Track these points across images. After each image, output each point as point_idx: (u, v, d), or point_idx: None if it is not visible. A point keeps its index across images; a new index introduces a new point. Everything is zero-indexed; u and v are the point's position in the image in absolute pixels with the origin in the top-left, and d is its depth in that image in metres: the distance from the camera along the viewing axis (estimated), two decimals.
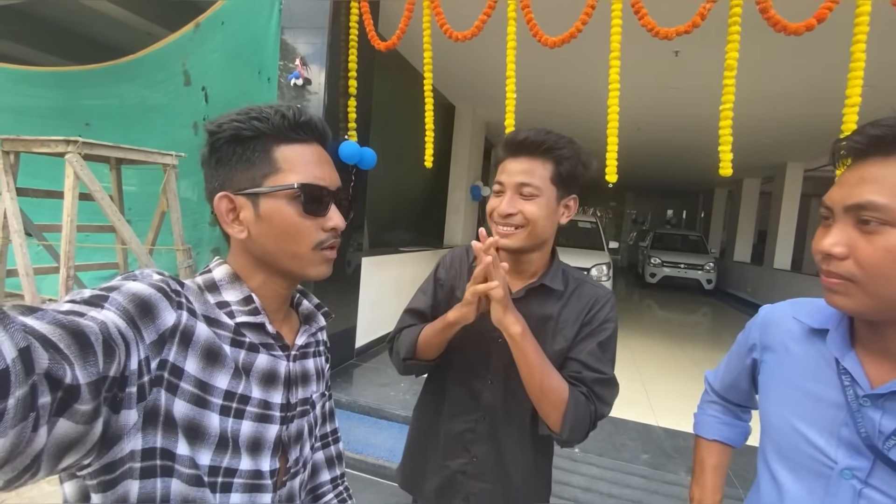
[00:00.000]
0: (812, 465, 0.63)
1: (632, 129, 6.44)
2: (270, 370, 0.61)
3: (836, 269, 0.56)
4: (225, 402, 0.54)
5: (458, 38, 2.85)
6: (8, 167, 2.65)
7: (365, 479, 2.39)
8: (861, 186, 0.54)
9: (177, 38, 3.63)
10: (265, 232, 0.58)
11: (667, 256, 10.13)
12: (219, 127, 0.57)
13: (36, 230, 2.87)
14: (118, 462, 0.46)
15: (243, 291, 0.60)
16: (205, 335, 0.54)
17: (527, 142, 0.88)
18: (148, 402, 0.47)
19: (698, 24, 2.35)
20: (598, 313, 0.94)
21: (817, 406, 0.64)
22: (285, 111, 0.58)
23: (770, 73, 4.13)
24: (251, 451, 0.57)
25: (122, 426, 0.44)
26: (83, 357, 0.37)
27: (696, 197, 15.53)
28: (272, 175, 0.58)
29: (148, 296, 0.48)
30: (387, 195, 4.65)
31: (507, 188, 0.89)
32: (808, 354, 0.67)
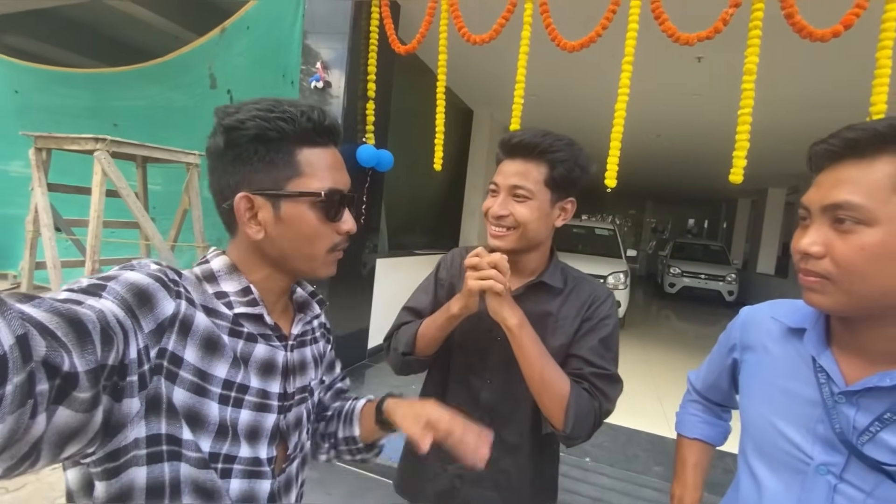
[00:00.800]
0: (789, 462, 0.65)
1: (651, 136, 6.35)
2: (269, 360, 0.61)
3: (814, 268, 0.58)
4: (224, 390, 0.55)
5: (476, 42, 2.86)
6: (40, 163, 2.77)
7: (372, 479, 2.40)
8: (837, 187, 0.56)
9: (203, 43, 3.75)
10: (283, 234, 0.59)
11: (687, 266, 9.91)
12: (241, 123, 0.56)
13: (65, 225, 2.99)
14: (122, 450, 0.47)
15: (241, 283, 0.60)
16: (204, 324, 0.54)
17: (521, 144, 0.88)
18: (149, 390, 0.48)
19: (720, 30, 2.31)
20: (597, 309, 0.93)
21: (794, 403, 0.66)
22: (311, 114, 0.58)
23: (796, 79, 4.03)
24: (249, 438, 0.58)
25: (124, 414, 0.45)
26: (81, 345, 0.37)
27: (718, 206, 15.20)
28: (295, 179, 0.58)
29: (146, 285, 0.49)
30: (403, 198, 4.68)
31: (501, 189, 0.89)
32: (786, 353, 0.69)
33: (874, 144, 0.54)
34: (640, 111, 4.68)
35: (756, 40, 2.24)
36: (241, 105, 0.57)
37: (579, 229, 7.26)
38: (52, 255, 2.64)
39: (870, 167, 0.54)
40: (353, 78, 3.16)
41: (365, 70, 3.26)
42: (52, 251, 2.65)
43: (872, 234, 0.53)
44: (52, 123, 4.12)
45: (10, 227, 4.86)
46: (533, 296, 0.94)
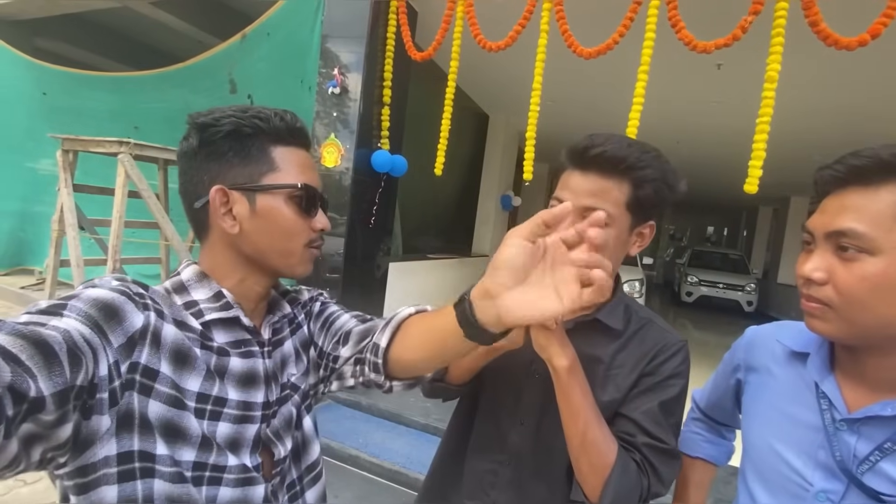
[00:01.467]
0: (789, 487, 0.64)
1: (671, 143, 6.26)
2: (248, 371, 0.60)
3: (816, 294, 0.57)
4: (198, 404, 0.54)
5: (493, 49, 2.87)
6: (67, 165, 2.86)
7: (381, 484, 2.40)
8: (842, 214, 0.56)
9: (224, 48, 3.82)
10: (260, 228, 0.58)
11: (705, 275, 9.73)
12: (216, 121, 0.57)
13: (88, 224, 3.08)
14: (91, 467, 0.46)
15: (212, 288, 0.59)
16: (172, 337, 0.53)
17: (603, 156, 0.69)
18: (120, 406, 0.47)
19: (739, 38, 2.27)
20: (664, 364, 0.75)
21: (796, 428, 0.65)
22: (283, 115, 0.60)
23: (821, 86, 3.93)
24: (232, 449, 0.57)
25: (93, 431, 0.44)
26: (48, 368, 0.37)
27: (738, 214, 14.89)
28: (270, 173, 0.58)
29: (111, 299, 0.48)
30: (417, 202, 4.71)
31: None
32: (789, 377, 0.68)
33: (879, 173, 0.54)
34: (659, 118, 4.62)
35: (779, 48, 2.19)
36: (214, 108, 0.59)
37: None
38: (76, 254, 2.73)
39: (875, 195, 0.54)
40: (369, 84, 3.19)
41: (381, 76, 3.29)
42: (76, 250, 2.74)
43: (875, 263, 0.53)
44: (78, 125, 4.24)
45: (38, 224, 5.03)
46: (584, 335, 0.76)
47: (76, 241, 2.74)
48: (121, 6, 4.81)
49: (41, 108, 4.92)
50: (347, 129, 3.14)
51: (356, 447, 2.56)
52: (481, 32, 2.89)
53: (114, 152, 2.68)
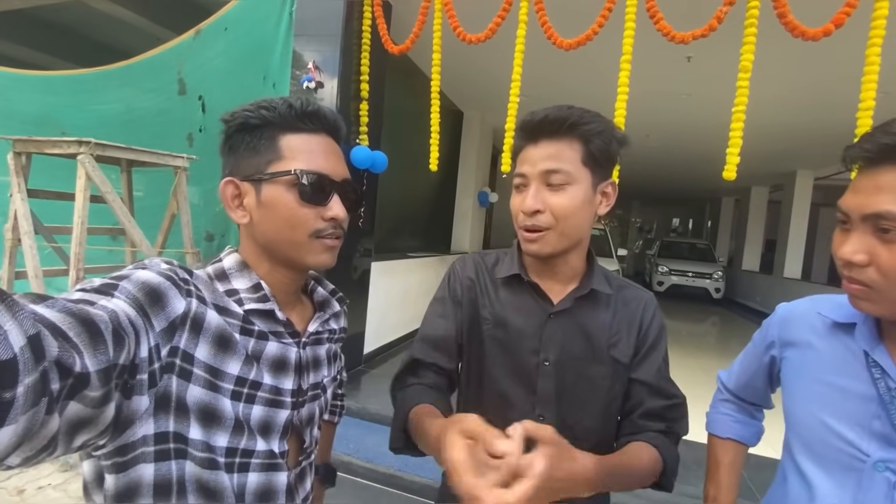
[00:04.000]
0: (842, 459, 0.63)
1: (640, 136, 6.41)
2: (280, 357, 0.61)
3: (859, 276, 0.57)
4: (236, 387, 0.55)
5: (472, 41, 2.84)
6: (19, 168, 2.65)
7: (376, 489, 2.33)
8: (877, 195, 0.55)
9: (174, 45, 3.50)
10: (265, 218, 0.59)
11: (674, 265, 10.06)
12: (231, 116, 0.60)
13: (46, 232, 2.86)
14: (130, 446, 0.48)
15: (252, 279, 0.61)
16: (215, 322, 0.54)
17: (547, 121, 0.73)
18: (159, 388, 0.48)
19: (715, 28, 2.32)
20: (652, 323, 0.83)
21: (846, 400, 0.64)
22: (293, 101, 0.60)
23: (781, 78, 4.10)
24: (262, 433, 0.58)
25: (133, 411, 0.46)
26: (93, 345, 0.38)
27: (702, 205, 15.46)
28: (275, 162, 0.59)
29: (157, 284, 0.49)
30: (395, 200, 4.63)
31: (531, 179, 0.74)
32: (834, 349, 0.68)
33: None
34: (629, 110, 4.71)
35: (752, 38, 2.26)
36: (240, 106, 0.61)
37: None
38: (34, 264, 2.53)
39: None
40: (345, 78, 3.11)
41: (358, 70, 3.21)
42: (34, 259, 2.53)
43: None
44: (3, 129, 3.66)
45: None
46: (586, 308, 0.80)
47: (33, 251, 2.53)
48: (74, 1, 4.52)
49: None
50: None
51: (348, 453, 2.48)
52: (460, 25, 2.86)
53: (72, 153, 2.49)
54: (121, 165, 3.11)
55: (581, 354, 0.79)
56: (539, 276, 0.83)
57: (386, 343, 4.08)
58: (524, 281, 0.82)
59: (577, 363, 0.79)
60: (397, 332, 4.30)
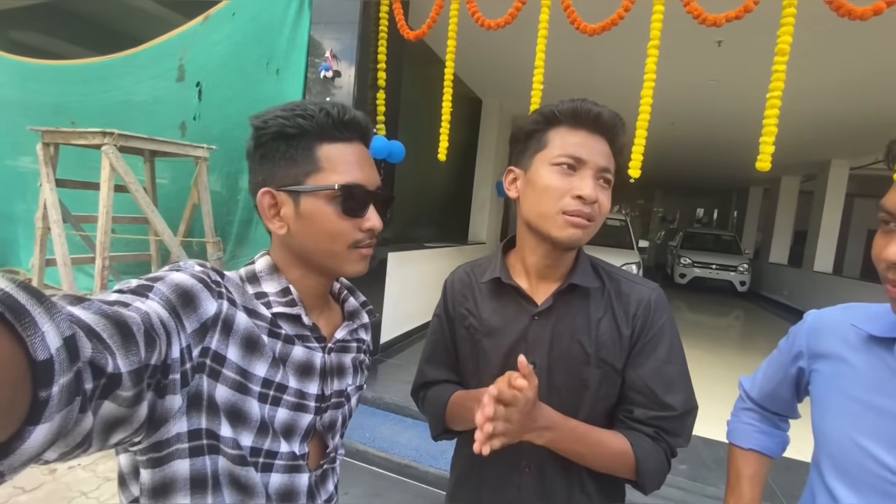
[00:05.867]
0: (877, 484, 0.59)
1: (665, 124, 6.21)
2: (306, 362, 0.62)
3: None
4: (263, 389, 0.56)
5: (491, 27, 2.77)
6: (48, 159, 2.72)
7: (391, 479, 2.36)
8: None
9: (181, 32, 3.46)
10: (304, 229, 0.60)
11: (697, 256, 9.79)
12: (264, 123, 0.59)
13: (73, 221, 2.94)
14: (165, 442, 0.49)
15: (281, 283, 0.62)
16: (244, 324, 0.55)
17: (608, 119, 0.71)
18: (191, 387, 0.50)
19: (751, 9, 2.21)
20: (651, 321, 0.77)
21: (884, 420, 0.60)
22: (330, 109, 0.59)
23: (815, 64, 3.89)
24: (285, 435, 0.59)
25: (167, 409, 0.47)
26: (125, 347, 0.39)
27: (728, 195, 14.98)
28: (314, 174, 0.59)
29: (190, 286, 0.51)
30: (412, 190, 4.61)
31: (589, 167, 0.70)
32: (871, 364, 0.63)
33: None
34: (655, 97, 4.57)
35: (790, 19, 2.14)
36: (269, 109, 0.60)
37: None
38: (63, 252, 2.60)
39: None
40: (362, 67, 3.07)
41: (374, 59, 3.17)
42: (63, 248, 2.61)
43: None
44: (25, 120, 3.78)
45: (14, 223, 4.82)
46: (566, 306, 0.78)
47: (62, 239, 2.60)
48: None
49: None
50: None
51: (364, 442, 2.51)
52: (479, 10, 2.78)
53: (97, 144, 2.54)
54: (144, 155, 3.16)
55: (569, 355, 0.77)
56: (528, 277, 0.81)
57: (402, 332, 4.09)
58: (506, 284, 0.80)
59: (565, 364, 0.77)
60: (414, 322, 4.31)
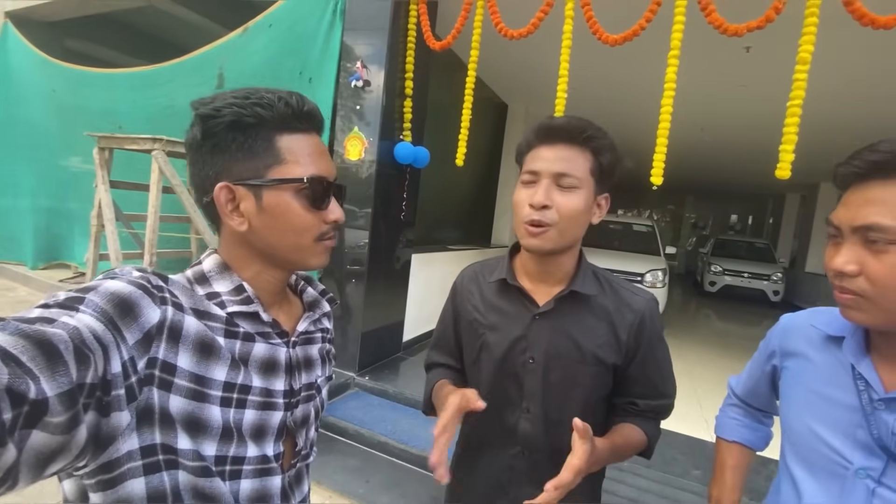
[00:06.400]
0: (829, 466, 0.66)
1: (694, 130, 6.12)
2: (269, 358, 0.60)
3: (850, 286, 0.60)
4: (225, 393, 0.54)
5: (514, 37, 2.85)
6: (103, 162, 2.97)
7: (410, 470, 2.46)
8: (866, 208, 0.58)
9: (222, 42, 3.66)
10: (268, 224, 0.57)
11: (729, 264, 9.50)
12: (216, 111, 0.54)
13: (125, 219, 3.19)
14: (115, 462, 0.46)
15: (234, 281, 0.59)
16: (195, 329, 0.52)
17: (566, 127, 0.78)
18: (139, 401, 0.46)
19: (772, 19, 2.21)
20: (645, 328, 0.86)
21: (834, 409, 0.67)
22: (288, 99, 0.56)
23: (853, 69, 3.79)
24: (255, 438, 0.57)
25: (114, 428, 0.44)
26: (51, 368, 0.36)
27: (763, 202, 14.47)
28: (276, 166, 0.56)
29: (128, 294, 0.46)
30: (437, 193, 4.72)
31: (543, 176, 0.78)
32: (826, 361, 0.71)
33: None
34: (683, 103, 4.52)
35: (812, 28, 2.13)
36: (217, 95, 0.56)
37: (616, 225, 7.08)
38: (115, 248, 2.84)
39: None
40: (391, 76, 3.20)
41: (403, 68, 3.30)
42: (115, 244, 2.85)
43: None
44: (78, 123, 4.13)
45: (69, 221, 5.18)
46: (567, 308, 0.85)
47: (115, 236, 2.85)
48: (146, 5, 4.92)
49: (51, 105, 4.90)
50: (370, 122, 3.17)
51: (386, 434, 2.63)
52: (502, 21, 2.87)
53: (147, 149, 2.77)
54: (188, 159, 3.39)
55: (565, 353, 0.85)
56: (530, 279, 0.89)
57: (424, 332, 4.21)
58: (511, 285, 0.88)
59: (561, 362, 0.85)
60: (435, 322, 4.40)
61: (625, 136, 6.46)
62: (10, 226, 5.51)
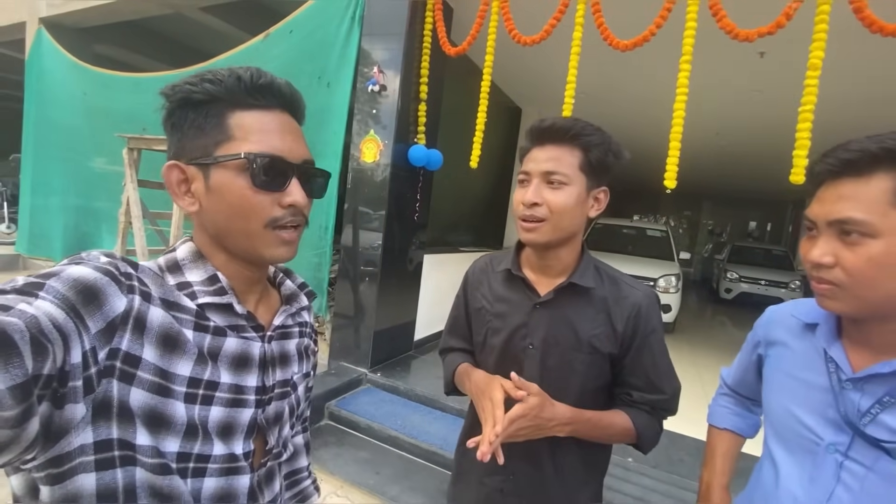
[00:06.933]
0: (803, 444, 0.71)
1: (710, 135, 6.09)
2: (242, 353, 0.57)
3: (826, 276, 0.63)
4: (190, 389, 0.51)
5: (527, 43, 2.91)
6: (132, 162, 3.11)
7: (418, 464, 2.53)
8: (839, 203, 0.62)
9: (244, 48, 3.76)
10: (215, 206, 0.54)
11: (745, 271, 9.34)
12: (172, 90, 0.53)
13: (151, 216, 3.33)
14: (66, 456, 0.43)
15: (207, 271, 0.56)
16: (159, 321, 0.49)
17: (553, 128, 0.85)
18: (97, 394, 0.44)
19: (783, 25, 2.24)
20: (642, 321, 0.90)
21: (809, 391, 0.72)
22: (242, 73, 0.54)
23: (868, 74, 3.76)
24: (222, 435, 0.54)
25: (67, 421, 0.42)
26: (3, 360, 0.34)
27: (783, 208, 14.20)
28: (224, 143, 0.53)
29: (93, 280, 0.44)
30: (451, 196, 4.79)
31: (534, 176, 0.85)
32: (803, 347, 0.76)
33: (869, 163, 0.60)
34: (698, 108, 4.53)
35: (822, 34, 2.15)
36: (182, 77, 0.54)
37: (630, 230, 7.06)
38: (142, 244, 2.97)
39: (867, 184, 0.60)
40: (406, 80, 3.28)
41: (418, 73, 3.38)
42: (142, 240, 2.98)
43: (877, 245, 0.59)
44: (107, 125, 4.29)
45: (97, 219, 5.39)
46: (564, 300, 0.90)
47: (141, 232, 2.98)
48: (173, 12, 5.11)
49: (81, 107, 5.08)
50: (386, 125, 3.26)
51: (396, 429, 2.70)
52: (516, 27, 2.94)
53: None
54: None
55: (563, 341, 0.91)
56: (532, 270, 0.95)
57: (435, 332, 4.26)
58: (515, 275, 0.94)
59: (558, 349, 0.91)
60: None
61: (638, 140, 6.45)
62: (42, 223, 5.75)
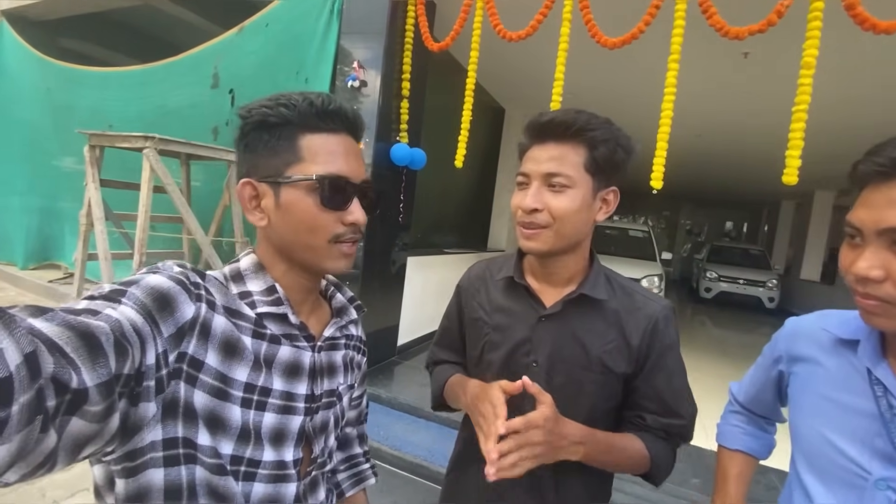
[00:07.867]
0: (844, 476, 0.63)
1: (691, 136, 6.13)
2: (294, 362, 0.60)
3: (875, 292, 0.56)
4: (245, 394, 0.55)
5: (512, 38, 2.83)
6: (94, 160, 2.92)
7: (403, 477, 2.41)
8: (892, 209, 0.54)
9: (218, 41, 3.62)
10: (284, 221, 0.58)
11: (724, 271, 9.53)
12: (248, 112, 0.58)
13: (115, 218, 3.13)
14: (138, 451, 0.47)
15: (267, 281, 0.60)
16: (222, 328, 0.53)
17: (554, 123, 0.75)
18: (167, 394, 0.48)
19: (774, 23, 2.20)
20: (659, 339, 0.80)
21: (849, 417, 0.64)
22: (314, 98, 0.58)
23: (849, 75, 3.80)
24: (274, 442, 0.57)
25: (140, 418, 0.46)
26: (92, 360, 0.37)
27: (759, 209, 14.56)
28: (295, 164, 0.57)
29: (167, 289, 0.49)
30: (434, 196, 4.69)
31: (533, 178, 0.76)
32: (839, 365, 0.67)
33: None
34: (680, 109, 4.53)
35: (816, 32, 2.12)
36: (258, 99, 0.59)
37: (612, 230, 7.09)
38: (104, 248, 2.78)
39: None
40: (388, 77, 3.17)
41: (400, 69, 3.28)
42: (104, 243, 2.79)
43: None
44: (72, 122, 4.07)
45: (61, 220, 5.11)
46: (573, 313, 0.81)
47: (104, 235, 2.79)
48: (142, 4, 4.87)
49: (46, 104, 4.85)
50: (366, 123, 3.13)
51: (378, 440, 2.57)
52: (501, 23, 2.85)
53: (139, 147, 2.72)
54: (180, 158, 3.35)
55: (570, 358, 0.80)
56: (536, 278, 0.85)
57: (419, 336, 4.16)
58: (518, 284, 0.85)
59: (565, 367, 0.81)
60: (431, 326, 4.37)
61: None
62: (2, 225, 5.43)
